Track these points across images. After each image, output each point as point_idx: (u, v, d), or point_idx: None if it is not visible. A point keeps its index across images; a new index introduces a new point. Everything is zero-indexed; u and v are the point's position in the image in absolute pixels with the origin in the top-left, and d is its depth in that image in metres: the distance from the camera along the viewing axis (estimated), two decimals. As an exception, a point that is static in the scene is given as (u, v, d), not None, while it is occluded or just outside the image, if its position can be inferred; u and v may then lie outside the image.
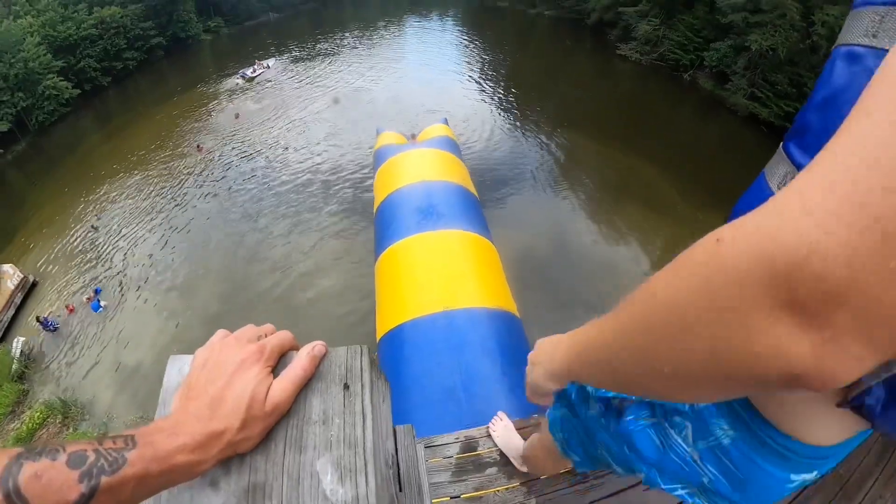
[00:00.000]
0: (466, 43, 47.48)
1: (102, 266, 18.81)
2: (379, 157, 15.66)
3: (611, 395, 1.09)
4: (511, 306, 8.90)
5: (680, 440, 0.94)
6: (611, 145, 22.35)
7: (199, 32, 61.82)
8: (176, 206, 21.41)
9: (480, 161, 20.82)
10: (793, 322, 0.37)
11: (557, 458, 1.58)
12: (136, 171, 26.08)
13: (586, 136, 23.17)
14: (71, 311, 17.05)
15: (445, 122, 19.84)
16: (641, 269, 14.43)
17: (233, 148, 25.49)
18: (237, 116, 29.71)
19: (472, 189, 13.43)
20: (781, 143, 1.48)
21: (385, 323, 8.68)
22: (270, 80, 36.78)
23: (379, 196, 12.86)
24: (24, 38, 40.75)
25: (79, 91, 44.83)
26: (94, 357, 14.78)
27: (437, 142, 15.82)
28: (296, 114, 28.89)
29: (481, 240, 10.30)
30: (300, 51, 46.60)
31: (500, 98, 29.80)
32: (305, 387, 0.66)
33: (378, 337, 8.71)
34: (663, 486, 0.99)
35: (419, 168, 13.18)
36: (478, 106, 27.95)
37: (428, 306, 8.26)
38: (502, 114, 26.92)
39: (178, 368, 0.74)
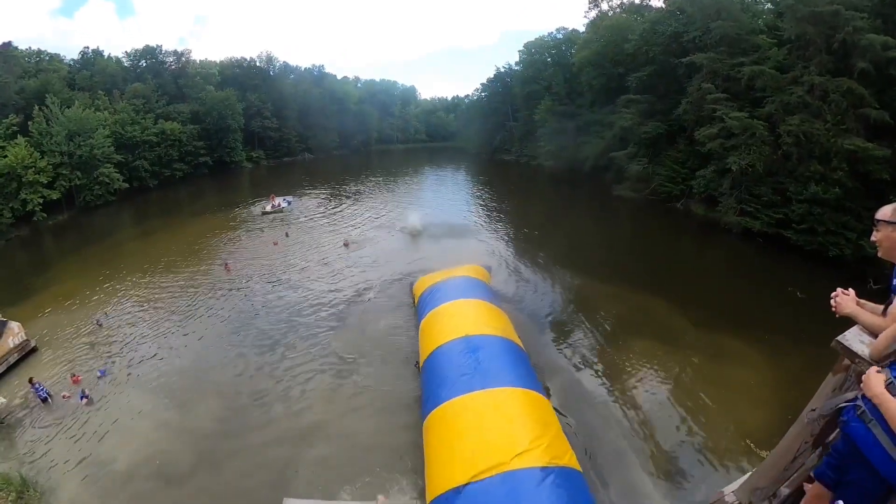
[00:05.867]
0: (478, 192, 49.40)
1: (106, 357, 16.53)
2: (421, 307, 15.68)
3: None
4: (573, 461, 8.35)
5: None
6: (618, 283, 20.94)
7: (242, 160, 66.24)
8: (192, 318, 19.21)
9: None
10: None
11: None
12: (160, 275, 24.21)
13: (594, 277, 21.87)
14: (76, 381, 14.85)
15: (489, 269, 20.36)
16: (661, 406, 12.51)
17: (261, 274, 23.42)
18: (276, 244, 28.34)
19: (517, 339, 13.04)
20: None
21: (437, 485, 8.10)
22: (299, 216, 36.13)
23: (425, 349, 12.66)
24: (98, 129, 43.76)
25: (127, 185, 46.74)
26: (70, 443, 12.40)
27: (475, 288, 15.84)
28: (328, 251, 26.72)
29: (535, 396, 9.94)
30: (331, 189, 47.58)
31: (509, 243, 28.74)
32: None
33: (429, 499, 8.10)
34: None
35: (463, 321, 12.93)
36: (489, 250, 26.23)
37: (489, 469, 7.76)
38: (512, 258, 25.18)
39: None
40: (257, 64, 75.81)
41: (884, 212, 2.69)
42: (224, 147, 61.94)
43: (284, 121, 73.91)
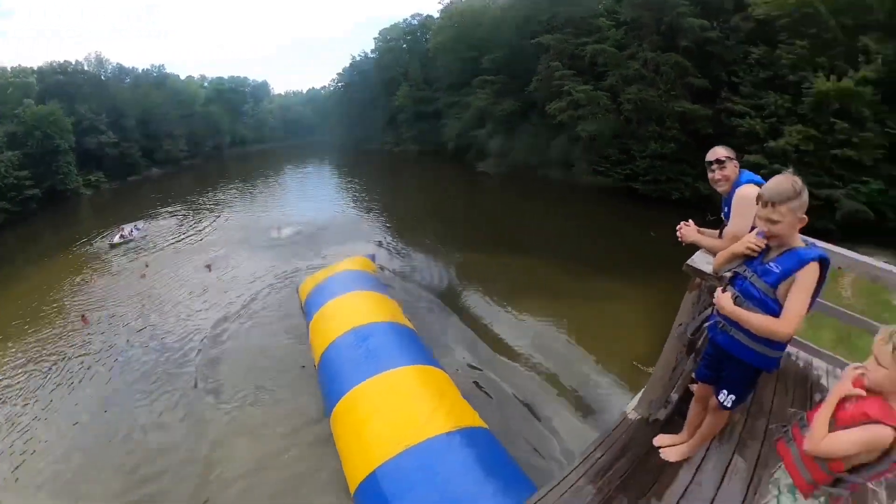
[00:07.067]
0: (346, 185, 48.54)
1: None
2: (308, 309, 15.20)
3: None
4: (478, 421, 8.72)
5: None
6: (496, 251, 22.31)
7: (78, 186, 56.01)
8: (57, 394, 15.36)
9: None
10: None
11: None
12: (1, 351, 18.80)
13: (474, 249, 22.91)
14: None
15: (373, 257, 20.23)
16: (558, 351, 13.70)
17: (126, 320, 19.55)
18: (144, 276, 24.34)
19: (406, 321, 13.39)
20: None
21: (356, 474, 8.07)
22: (155, 242, 31.23)
23: (317, 349, 12.48)
24: None
25: (-66, 241, 37.03)
26: None
27: (360, 280, 15.89)
28: (196, 277, 23.35)
29: (429, 369, 10.29)
30: (187, 205, 42.78)
31: (387, 229, 28.69)
32: None
33: (352, 490, 8.02)
34: None
35: (351, 315, 13.03)
36: (369, 240, 25.91)
37: (397, 446, 7.90)
38: (394, 243, 25.28)
39: None
40: (85, 67, 65.34)
41: (720, 152, 3.25)
42: (55, 173, 51.60)
43: (124, 133, 64.32)
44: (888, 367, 1.83)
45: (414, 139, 58.65)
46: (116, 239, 31.85)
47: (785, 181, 2.35)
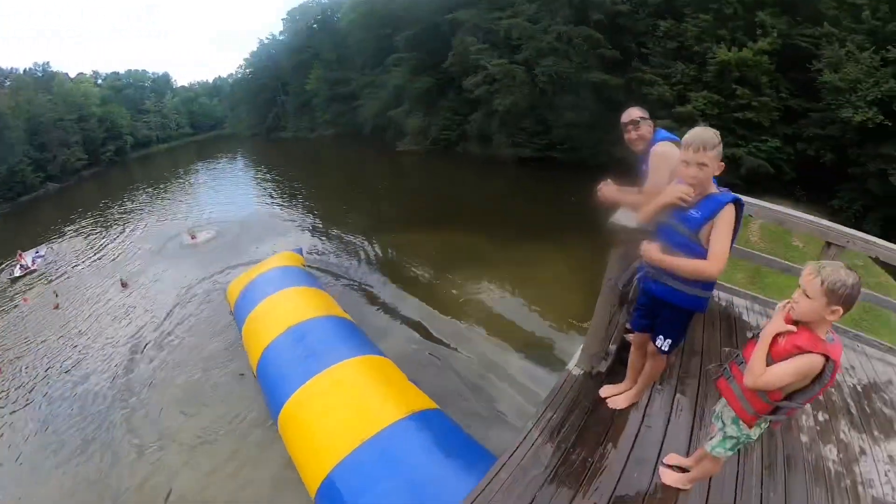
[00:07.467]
0: (262, 177, 46.23)
1: None
2: (238, 313, 14.19)
3: None
4: (429, 403, 8.59)
5: None
6: (424, 229, 22.36)
7: None
8: None
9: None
10: None
11: None
12: None
13: (402, 229, 22.76)
14: None
15: (300, 251, 19.14)
16: (498, 319, 13.90)
17: (45, 363, 16.86)
18: (57, 307, 21.17)
19: (342, 313, 12.94)
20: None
21: (315, 476, 7.70)
22: (62, 268, 27.40)
23: (253, 355, 11.75)
24: None
25: None
26: None
27: (289, 276, 15.16)
28: (114, 300, 20.79)
29: (373, 358, 10.03)
30: (93, 220, 38.22)
31: (313, 219, 27.67)
32: None
33: (313, 494, 7.64)
34: None
35: (285, 314, 12.40)
36: (296, 232, 25.08)
37: (353, 441, 7.61)
38: (321, 233, 24.45)
39: None
40: (-46, 72, 56.71)
41: (635, 113, 3.39)
42: (-68, 204, 45.06)
43: (9, 147, 56.19)
44: (815, 298, 1.98)
45: (330, 123, 57.09)
46: (17, 272, 27.97)
47: (707, 130, 2.52)
